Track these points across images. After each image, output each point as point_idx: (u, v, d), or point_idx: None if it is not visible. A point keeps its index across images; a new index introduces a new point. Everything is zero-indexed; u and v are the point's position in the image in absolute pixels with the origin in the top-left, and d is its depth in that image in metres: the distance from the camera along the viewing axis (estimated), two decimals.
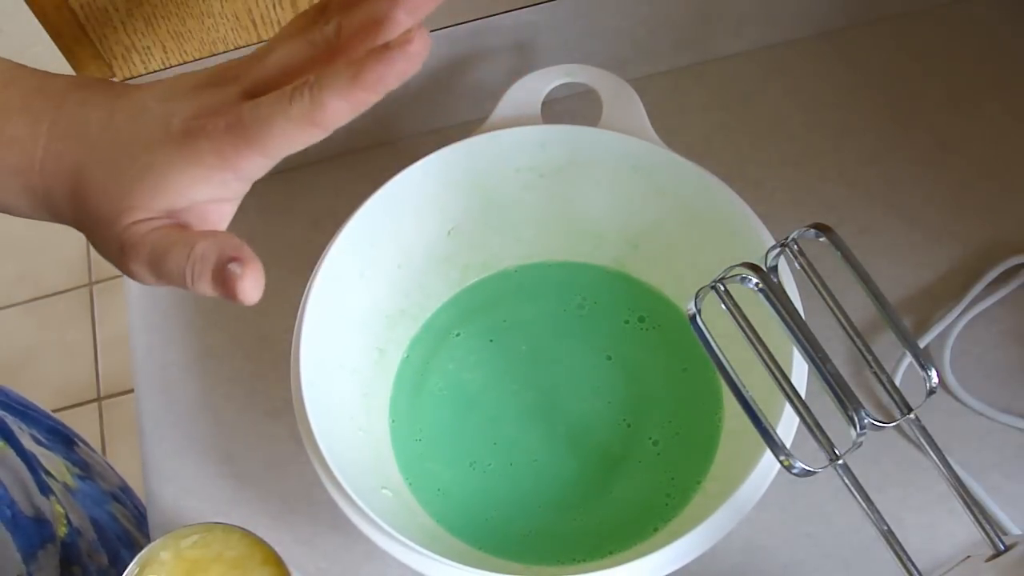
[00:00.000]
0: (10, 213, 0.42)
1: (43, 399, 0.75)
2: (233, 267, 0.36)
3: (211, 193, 0.38)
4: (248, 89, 0.39)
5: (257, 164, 0.38)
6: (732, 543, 0.52)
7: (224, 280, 0.36)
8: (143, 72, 0.62)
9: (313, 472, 0.49)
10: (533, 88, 0.57)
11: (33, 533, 0.60)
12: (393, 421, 0.59)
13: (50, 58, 0.62)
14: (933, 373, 0.42)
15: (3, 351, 1.61)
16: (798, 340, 0.42)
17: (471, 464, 0.57)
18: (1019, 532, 0.53)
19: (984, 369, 0.58)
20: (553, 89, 0.57)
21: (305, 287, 0.53)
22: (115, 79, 0.62)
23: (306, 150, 0.75)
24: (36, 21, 0.57)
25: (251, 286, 0.36)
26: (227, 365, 0.63)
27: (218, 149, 0.37)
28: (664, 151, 0.55)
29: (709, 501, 0.51)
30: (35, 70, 0.42)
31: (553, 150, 0.57)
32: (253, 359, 0.63)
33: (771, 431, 0.42)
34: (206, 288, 0.37)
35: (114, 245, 0.39)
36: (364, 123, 0.67)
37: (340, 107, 0.36)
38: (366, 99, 0.37)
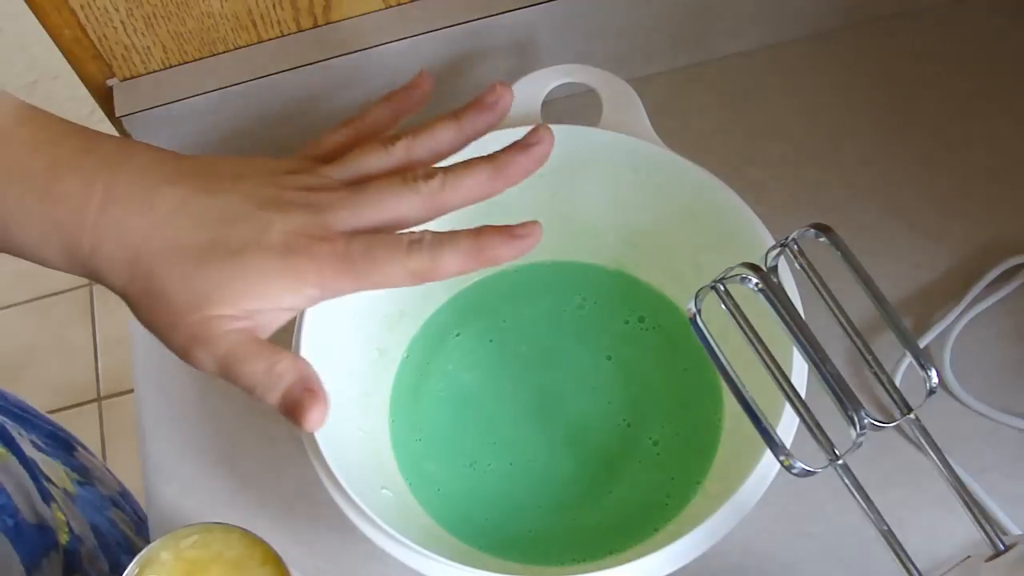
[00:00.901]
0: (38, 263, 0.43)
1: (43, 399, 0.75)
2: (305, 397, 0.40)
3: (295, 303, 0.41)
4: (346, 218, 0.41)
5: (349, 291, 0.41)
6: (732, 543, 0.52)
7: (294, 406, 0.40)
8: (143, 72, 0.62)
9: (313, 472, 0.49)
10: (533, 88, 0.57)
11: (36, 541, 0.59)
12: (393, 421, 0.59)
13: (50, 58, 0.63)
14: (933, 373, 0.42)
15: (3, 351, 1.61)
16: (798, 340, 0.42)
17: (471, 464, 0.57)
18: (1019, 532, 0.53)
19: (984, 369, 0.58)
20: (553, 89, 0.57)
21: None
22: (115, 79, 0.62)
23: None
24: (36, 21, 0.57)
25: (317, 419, 0.40)
26: None
27: (320, 271, 0.40)
28: (664, 151, 0.55)
29: (709, 501, 0.51)
30: (81, 128, 0.43)
31: (553, 150, 0.57)
32: None
33: (771, 431, 0.42)
34: (272, 403, 0.41)
35: (183, 330, 0.40)
36: None
37: (452, 270, 0.41)
38: (477, 268, 0.42)
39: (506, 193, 0.58)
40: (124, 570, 0.45)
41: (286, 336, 0.52)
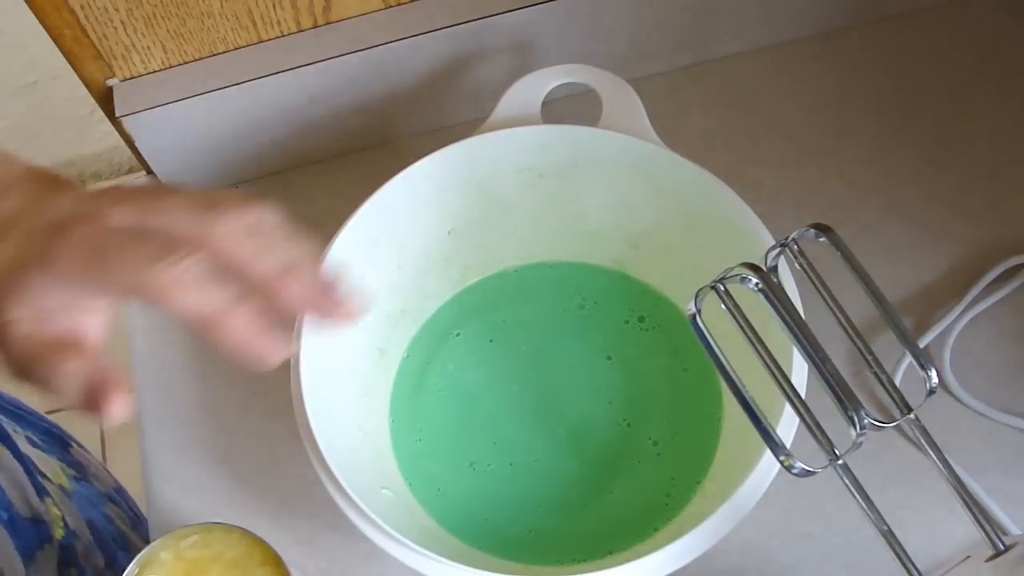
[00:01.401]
0: None
1: (43, 399, 0.75)
2: (103, 390, 0.37)
3: (68, 302, 0.37)
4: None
5: (96, 290, 0.37)
6: (732, 543, 0.52)
7: (93, 401, 0.37)
8: (143, 72, 0.62)
9: (313, 472, 0.49)
10: (533, 88, 0.57)
11: (31, 535, 0.60)
12: (393, 421, 0.59)
13: (50, 58, 0.62)
14: (933, 373, 0.42)
15: None
16: (798, 340, 0.42)
17: (471, 464, 0.57)
18: (1019, 532, 0.53)
19: (984, 369, 0.58)
20: (553, 89, 0.57)
21: None
22: (115, 79, 0.62)
23: (304, 151, 0.75)
24: (36, 21, 0.57)
25: (119, 409, 0.37)
26: (227, 365, 0.63)
27: (70, 259, 0.37)
28: (664, 151, 0.55)
29: (709, 501, 0.51)
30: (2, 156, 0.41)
31: (553, 150, 0.57)
32: None
33: (771, 431, 0.42)
34: (71, 402, 0.38)
35: None
36: (364, 123, 0.67)
37: (190, 305, 0.36)
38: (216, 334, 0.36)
39: (506, 194, 0.59)
40: (120, 566, 0.45)
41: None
